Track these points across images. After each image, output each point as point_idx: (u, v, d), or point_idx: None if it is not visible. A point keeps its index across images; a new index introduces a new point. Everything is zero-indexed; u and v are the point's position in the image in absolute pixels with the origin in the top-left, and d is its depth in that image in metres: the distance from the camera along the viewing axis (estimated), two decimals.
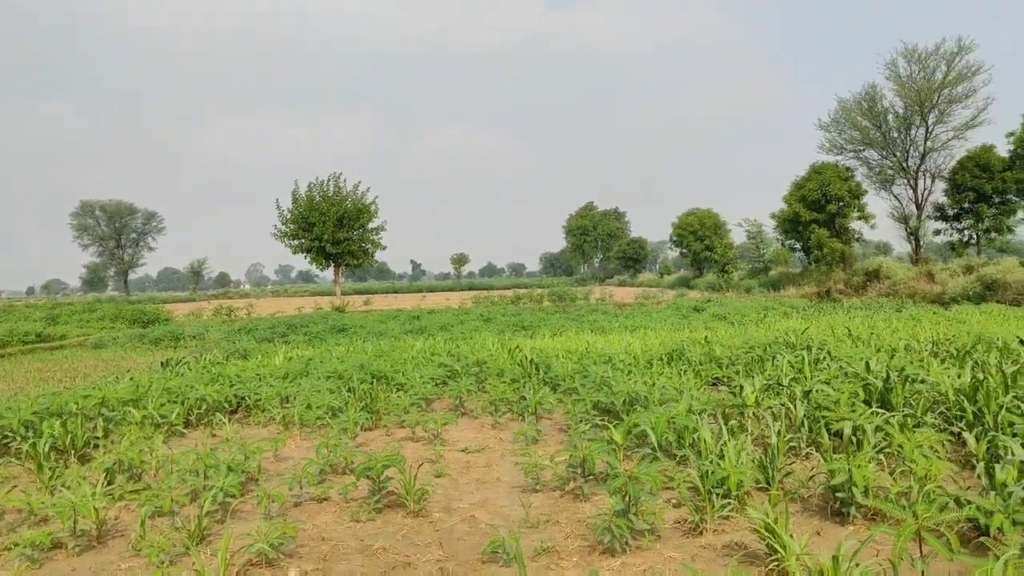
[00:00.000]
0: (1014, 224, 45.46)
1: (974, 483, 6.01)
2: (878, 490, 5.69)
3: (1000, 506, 4.46)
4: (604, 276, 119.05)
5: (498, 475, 7.12)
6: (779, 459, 6.17)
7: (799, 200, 48.37)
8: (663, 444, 7.19)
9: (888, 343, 12.83)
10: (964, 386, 7.95)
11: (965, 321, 18.90)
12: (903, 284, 39.45)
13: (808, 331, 14.53)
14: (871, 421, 6.40)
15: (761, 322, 21.57)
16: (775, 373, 9.84)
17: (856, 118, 48.86)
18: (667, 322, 23.69)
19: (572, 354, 13.27)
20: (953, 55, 44.77)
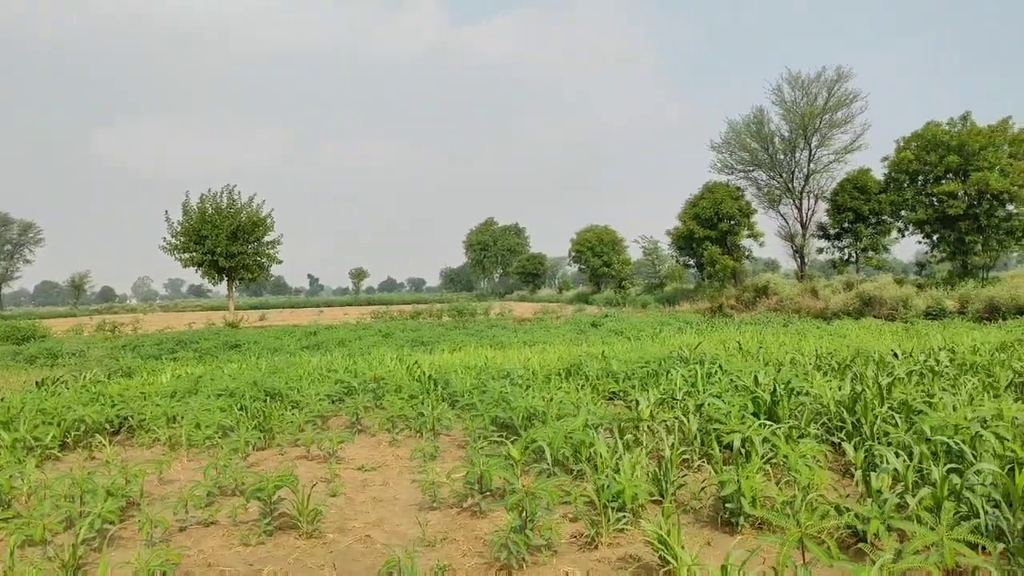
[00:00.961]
0: (888, 243, 48.15)
1: (853, 491, 6.28)
2: (765, 500, 5.87)
3: (876, 512, 4.66)
4: (504, 291, 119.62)
5: (395, 493, 7.01)
6: (672, 472, 6.30)
7: (693, 218, 50.00)
8: (560, 459, 7.25)
9: (776, 357, 13.31)
10: (844, 398, 8.31)
11: (845, 335, 19.82)
12: (790, 300, 41.15)
13: (701, 346, 14.93)
14: (759, 433, 6.60)
15: (657, 337, 22.05)
16: (669, 387, 10.06)
17: (745, 140, 50.97)
18: (565, 337, 23.95)
19: (471, 369, 13.24)
20: (833, 83, 47.41)
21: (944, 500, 4.96)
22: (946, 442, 6.07)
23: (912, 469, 5.64)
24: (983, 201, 39.07)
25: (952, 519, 4.58)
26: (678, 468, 6.74)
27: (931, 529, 4.13)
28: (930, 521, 4.49)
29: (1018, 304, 27.37)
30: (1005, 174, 38.13)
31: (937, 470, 5.23)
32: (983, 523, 4.76)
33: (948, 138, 40.40)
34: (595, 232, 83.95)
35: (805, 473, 5.72)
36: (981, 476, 5.22)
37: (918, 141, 42.25)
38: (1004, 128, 39.58)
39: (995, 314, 27.99)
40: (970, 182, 38.68)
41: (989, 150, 38.71)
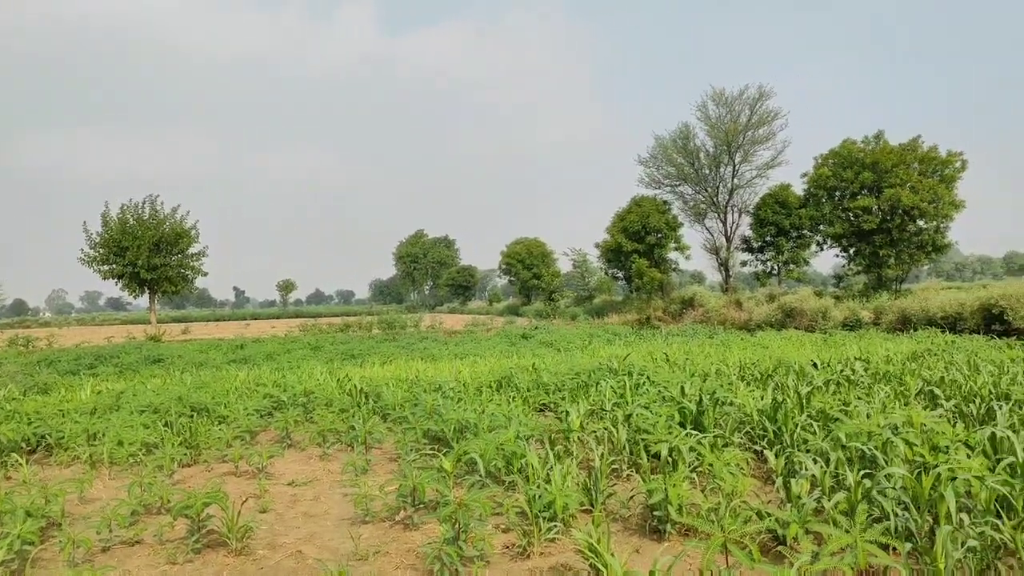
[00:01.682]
0: (808, 256, 49.70)
1: (775, 496, 6.51)
2: (691, 507, 6.04)
3: (795, 517, 4.85)
4: (434, 303, 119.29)
5: (327, 508, 6.97)
6: (602, 481, 6.43)
7: (621, 231, 50.75)
8: (492, 471, 7.31)
9: (702, 368, 13.62)
10: (766, 407, 8.59)
11: (768, 346, 20.39)
12: (715, 312, 42.09)
13: (630, 357, 15.18)
14: (685, 443, 6.78)
15: (586, 348, 22.32)
16: (599, 398, 10.23)
17: (672, 155, 52.01)
18: (496, 349, 24.05)
19: (402, 383, 13.21)
20: (755, 100, 48.81)
21: (858, 504, 5.19)
22: (860, 448, 6.35)
23: (829, 475, 5.89)
24: (895, 216, 40.67)
25: (865, 521, 4.81)
26: (608, 478, 6.88)
27: (846, 531, 4.33)
28: (845, 524, 4.71)
29: (928, 315, 28.58)
30: (915, 191, 39.77)
31: (851, 475, 5.47)
32: (893, 524, 5.01)
33: (863, 156, 41.96)
34: (525, 245, 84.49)
35: (729, 480, 5.90)
36: (892, 480, 5.48)
37: (835, 158, 43.76)
38: (914, 147, 41.31)
39: (907, 325, 29.17)
40: (883, 198, 40.21)
41: (900, 168, 40.33)
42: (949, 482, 5.01)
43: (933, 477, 5.10)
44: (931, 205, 39.90)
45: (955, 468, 5.25)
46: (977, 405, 8.53)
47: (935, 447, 6.00)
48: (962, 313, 27.38)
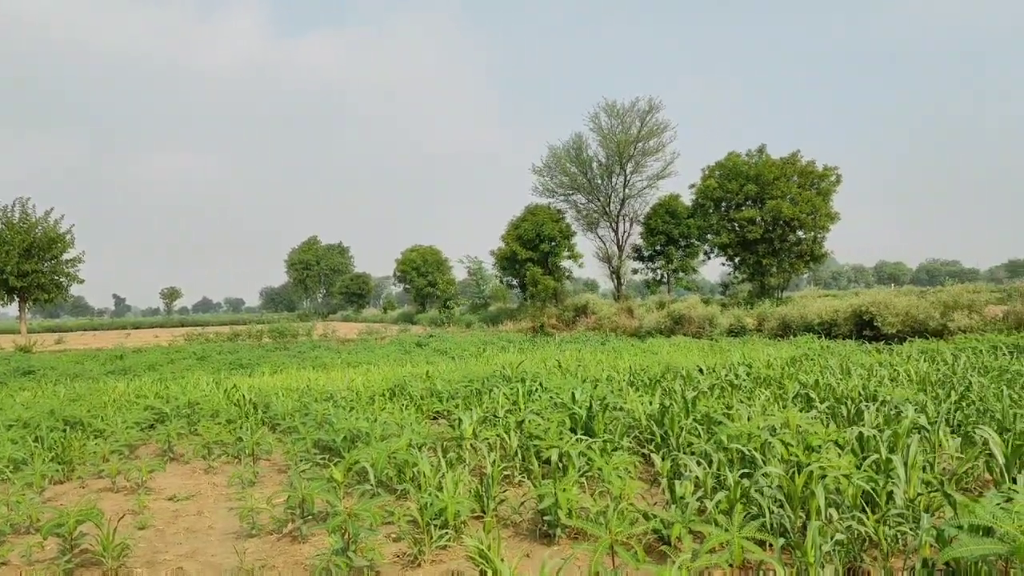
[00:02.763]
0: (697, 265, 51.37)
1: (661, 498, 6.71)
2: (581, 511, 6.15)
3: (679, 517, 5.01)
4: (327, 311, 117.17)
5: (210, 522, 6.76)
6: (494, 488, 6.48)
7: (516, 239, 51.16)
8: (384, 479, 7.26)
9: (593, 374, 13.89)
10: (654, 412, 8.84)
11: (657, 352, 20.94)
12: (607, 319, 42.89)
13: (523, 364, 15.33)
14: (576, 448, 6.90)
15: (480, 356, 22.40)
16: (492, 405, 10.30)
17: (565, 165, 52.84)
18: (390, 357, 23.83)
19: (293, 392, 12.94)
20: (646, 113, 50.18)
21: (736, 502, 5.41)
22: (741, 450, 6.60)
23: (711, 476, 6.11)
24: (777, 227, 42.52)
25: (743, 519, 5.00)
26: (499, 484, 6.92)
27: (724, 530, 4.51)
28: (724, 522, 4.89)
29: (806, 322, 29.98)
30: (795, 203, 41.72)
31: (731, 476, 5.69)
32: (768, 521, 5.25)
33: (747, 168, 43.73)
34: (420, 252, 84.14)
35: (617, 484, 6.04)
36: (769, 479, 5.73)
37: (721, 170, 45.42)
38: (794, 161, 43.32)
39: (787, 331, 30.50)
40: (766, 209, 41.99)
41: (781, 180, 42.23)
42: (820, 480, 5.27)
43: (806, 475, 5.36)
44: (810, 217, 41.93)
45: (826, 467, 5.53)
46: (848, 406, 9.01)
47: (809, 447, 6.29)
48: (836, 320, 28.83)
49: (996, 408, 8.45)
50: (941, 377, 12.08)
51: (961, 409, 8.96)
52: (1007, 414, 7.98)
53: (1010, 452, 6.22)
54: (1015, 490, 4.60)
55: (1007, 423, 7.67)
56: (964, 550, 3.54)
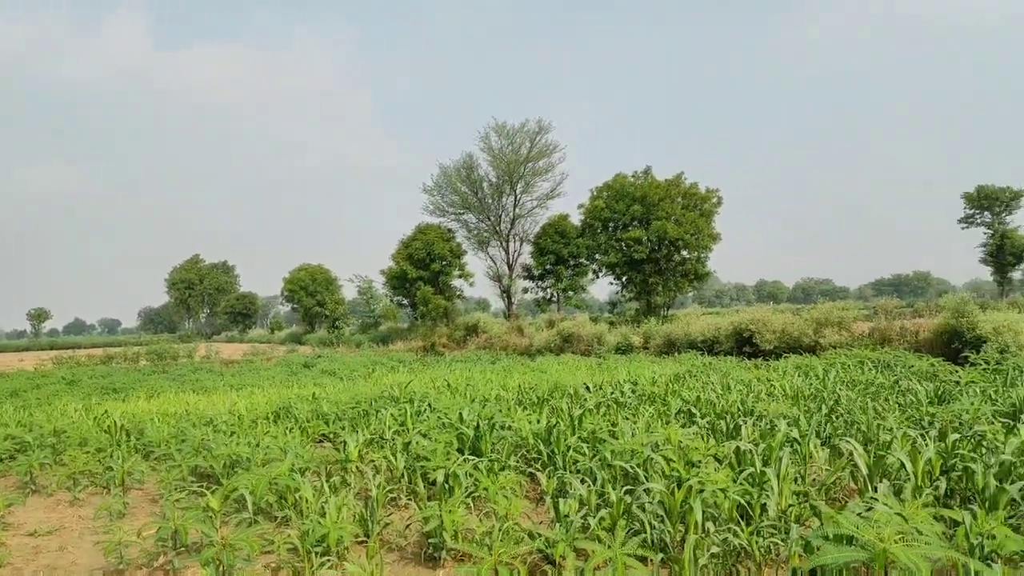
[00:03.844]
0: (586, 284, 52.32)
1: (546, 517, 6.74)
2: (467, 532, 6.12)
3: (563, 535, 5.05)
4: (211, 332, 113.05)
5: (74, 558, 6.37)
6: (379, 511, 6.37)
7: (406, 258, 50.78)
8: (264, 506, 7.03)
9: (482, 393, 13.89)
10: (541, 430, 8.91)
11: (546, 371, 21.17)
12: (498, 338, 43.06)
13: (412, 384, 15.19)
14: (462, 468, 6.87)
15: (370, 377, 22.09)
16: (380, 427, 10.15)
17: (456, 184, 52.98)
18: (276, 379, 23.22)
19: (170, 417, 12.40)
20: (535, 133, 51.02)
21: (619, 519, 5.50)
22: (624, 466, 6.72)
23: (595, 493, 6.19)
24: (663, 247, 43.79)
25: (625, 536, 5.08)
26: (385, 507, 6.83)
27: (607, 547, 4.56)
28: (607, 539, 4.95)
29: (690, 339, 30.90)
30: (679, 223, 43.09)
31: (614, 492, 5.78)
32: (649, 536, 5.35)
33: (633, 189, 44.92)
34: (309, 271, 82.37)
35: (503, 504, 6.04)
36: (650, 495, 5.85)
37: (609, 191, 46.49)
38: (678, 182, 44.80)
39: (672, 348, 31.37)
40: (652, 230, 43.18)
41: (666, 202, 43.60)
42: (698, 495, 5.42)
43: (685, 491, 5.50)
44: (693, 237, 43.38)
45: (704, 481, 5.70)
46: (727, 422, 9.31)
47: (690, 462, 6.47)
48: (718, 337, 29.85)
49: (862, 420, 8.93)
50: (813, 391, 12.68)
51: (831, 422, 9.41)
52: (871, 426, 8.45)
53: (872, 462, 6.57)
54: (875, 498, 4.85)
55: (871, 435, 8.11)
56: (827, 558, 3.70)
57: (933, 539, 3.97)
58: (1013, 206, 50.13)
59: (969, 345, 20.26)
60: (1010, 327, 19.54)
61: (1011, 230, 49.80)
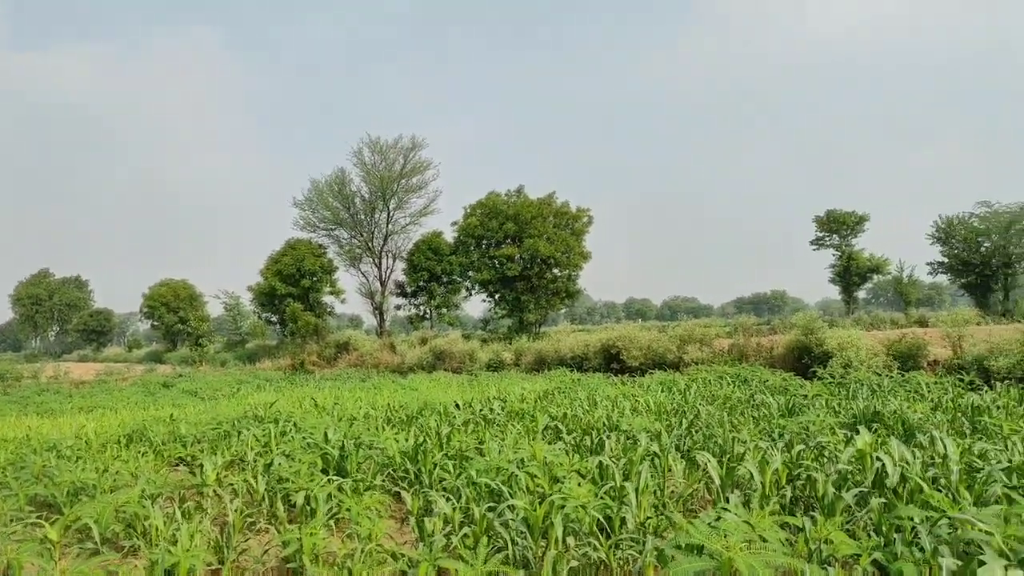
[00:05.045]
0: (459, 301, 52.42)
1: (411, 536, 6.67)
2: (329, 555, 5.97)
3: (426, 555, 5.01)
4: (61, 351, 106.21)
5: None
6: (235, 537, 6.15)
7: (275, 274, 49.43)
8: (111, 536, 6.63)
9: (351, 412, 13.65)
10: (409, 449, 8.82)
11: (417, 388, 21.06)
12: (370, 355, 42.50)
13: (277, 404, 14.77)
14: (325, 489, 6.72)
15: (234, 396, 21.36)
16: (241, 448, 9.80)
17: (328, 199, 52.03)
18: (132, 400, 22.10)
19: (8, 443, 11.54)
20: (409, 150, 50.86)
21: (482, 536, 5.51)
22: (489, 484, 6.75)
23: (459, 511, 6.18)
24: (535, 265, 44.47)
25: (489, 552, 5.09)
26: (243, 532, 6.58)
27: (470, 565, 4.56)
28: (469, 557, 4.95)
29: (560, 356, 31.48)
30: (551, 242, 43.89)
31: (477, 510, 5.79)
32: (512, 553, 5.38)
33: (506, 207, 45.44)
34: (171, 287, 78.70)
35: (367, 524, 5.94)
36: (514, 511, 5.90)
37: (482, 208, 46.84)
38: (550, 201, 45.67)
39: (542, 365, 31.83)
40: (524, 247, 43.81)
41: (538, 220, 44.34)
42: (559, 510, 5.50)
43: (547, 506, 5.57)
44: (564, 255, 44.26)
45: (567, 496, 5.79)
46: (593, 437, 9.50)
47: (554, 478, 6.56)
48: (587, 353, 30.51)
49: (719, 434, 9.32)
50: (675, 406, 13.13)
51: (691, 435, 9.76)
52: (727, 439, 8.82)
53: (725, 474, 6.86)
54: (727, 508, 5.05)
55: (727, 447, 8.46)
56: (678, 568, 3.82)
57: (776, 546, 4.18)
58: (858, 229, 53.65)
59: (817, 360, 21.49)
60: (852, 343, 20.89)
61: (856, 252, 53.27)
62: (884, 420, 9.85)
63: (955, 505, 5.06)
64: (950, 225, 48.99)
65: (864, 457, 6.48)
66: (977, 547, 4.20)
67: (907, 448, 6.93)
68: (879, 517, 5.32)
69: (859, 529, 5.63)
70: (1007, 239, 45.94)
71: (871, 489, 6.05)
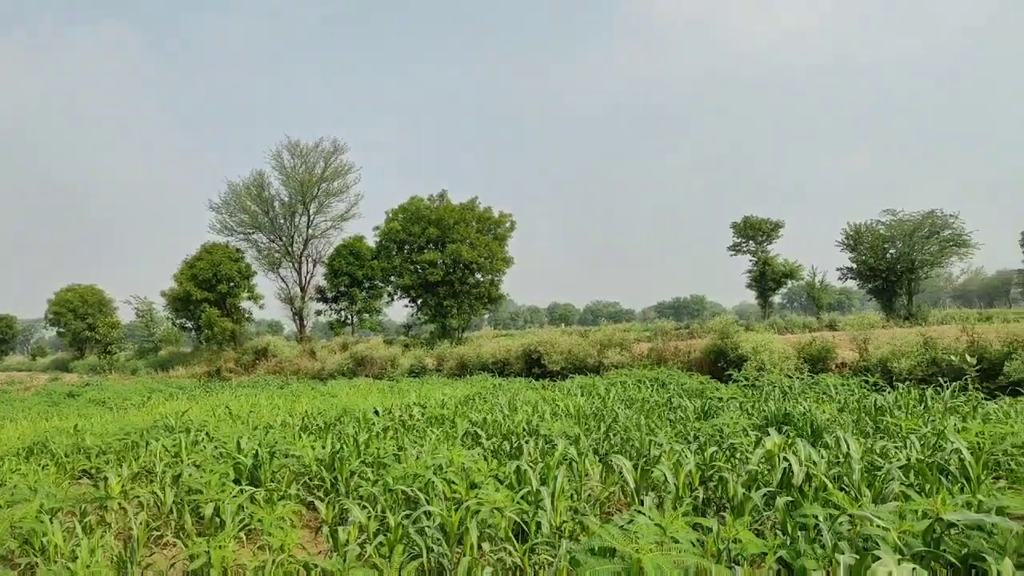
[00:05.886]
0: (381, 306, 51.91)
1: (326, 546, 6.54)
2: (239, 568, 5.82)
3: (339, 565, 4.92)
4: None
5: None
6: (140, 551, 5.94)
7: (191, 279, 48.05)
8: (5, 553, 6.32)
9: (267, 420, 13.34)
10: (325, 456, 8.68)
11: (337, 395, 20.74)
12: (289, 361, 41.73)
13: (190, 412, 14.37)
14: (236, 500, 6.54)
15: (144, 405, 20.67)
16: (149, 459, 9.49)
17: (246, 202, 50.89)
18: (33, 411, 21.17)
19: None
20: (330, 154, 50.24)
21: (397, 544, 5.44)
22: (406, 491, 6.68)
23: (375, 519, 6.10)
24: (457, 270, 44.41)
25: (405, 560, 5.04)
26: (148, 546, 6.37)
27: (384, 574, 4.50)
28: (383, 566, 4.89)
29: (482, 361, 31.47)
30: (474, 247, 43.92)
31: (393, 517, 5.72)
32: (427, 560, 5.34)
33: (429, 212, 45.28)
34: (78, 292, 75.62)
35: (279, 535, 5.81)
36: (431, 518, 5.85)
37: (405, 213, 46.57)
38: (472, 206, 45.70)
39: (464, 370, 31.79)
40: (447, 252, 43.72)
41: (461, 225, 44.32)
42: (475, 515, 5.49)
43: (462, 512, 5.54)
44: (487, 260, 44.34)
45: (483, 501, 5.77)
46: (512, 442, 9.52)
47: (472, 484, 6.54)
48: (509, 358, 30.59)
49: (636, 437, 9.44)
50: (595, 410, 13.25)
51: (608, 439, 9.86)
52: (644, 442, 8.94)
53: (640, 476, 6.96)
54: (640, 511, 5.12)
55: (644, 450, 8.58)
56: (589, 572, 3.85)
57: (687, 546, 4.25)
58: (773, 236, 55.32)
59: (733, 364, 22.02)
60: (766, 347, 21.46)
61: (771, 258, 54.88)
62: (794, 421, 10.14)
63: (855, 503, 5.24)
64: (858, 232, 50.91)
65: (773, 458, 6.67)
66: (875, 542, 4.36)
67: (814, 448, 7.16)
68: (784, 516, 5.48)
69: (767, 528, 5.79)
70: (910, 246, 48.00)
71: (778, 489, 6.22)
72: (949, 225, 47.25)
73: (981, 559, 4.19)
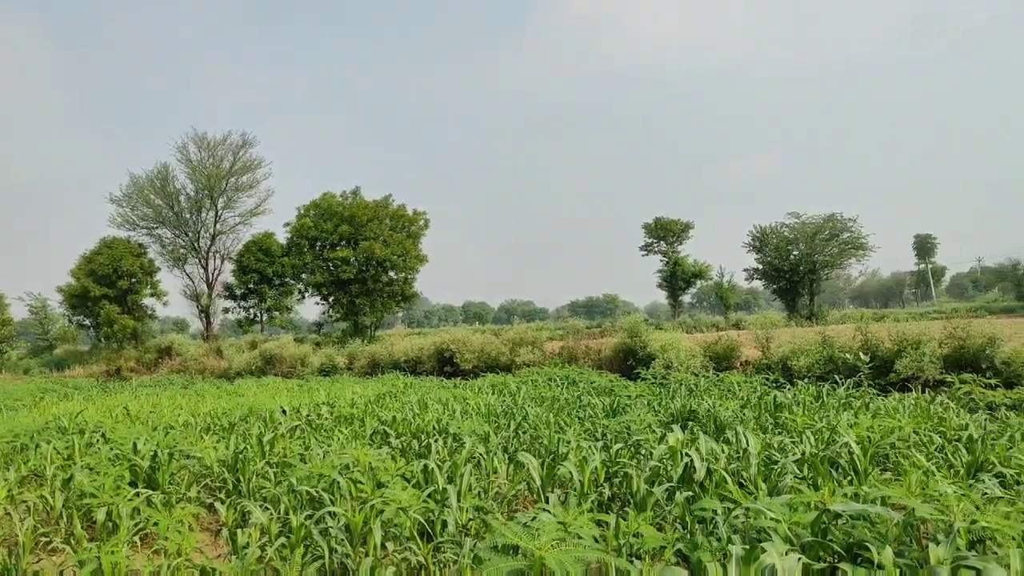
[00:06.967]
0: (291, 304, 50.87)
1: (226, 549, 6.38)
2: (132, 573, 5.61)
3: (239, 568, 4.80)
4: None
5: None
6: (25, 558, 5.68)
7: (88, 275, 45.99)
8: None
9: (168, 421, 12.94)
10: (228, 458, 8.46)
11: (244, 394, 20.24)
12: (194, 360, 40.47)
13: (85, 413, 13.80)
14: (130, 503, 6.32)
15: (36, 406, 19.72)
16: (40, 462, 9.07)
17: (149, 196, 48.97)
18: None
19: None
20: (239, 147, 48.81)
21: (298, 545, 5.35)
22: (310, 491, 6.57)
23: (277, 520, 5.98)
24: (370, 267, 44.01)
25: (305, 562, 4.96)
26: (35, 553, 6.08)
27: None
28: (283, 568, 4.80)
29: (393, 359, 31.19)
30: (387, 244, 43.59)
31: (295, 518, 5.62)
32: (330, 561, 5.26)
33: (342, 209, 44.71)
34: None
35: (176, 539, 5.64)
36: (335, 518, 5.77)
37: (316, 209, 45.84)
38: (386, 204, 45.34)
39: (376, 368, 31.45)
40: (360, 250, 43.24)
41: (375, 222, 43.90)
42: (379, 514, 5.44)
43: (366, 512, 5.48)
44: (400, 258, 44.05)
45: (388, 500, 5.73)
46: (421, 440, 9.47)
47: (379, 483, 6.48)
48: (421, 357, 30.39)
49: (545, 435, 9.52)
50: (505, 408, 13.31)
51: (518, 437, 9.93)
52: (553, 440, 9.03)
53: (546, 473, 7.02)
54: (546, 508, 5.16)
55: (552, 447, 8.66)
56: (491, 569, 3.86)
57: (589, 542, 4.31)
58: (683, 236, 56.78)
59: (642, 362, 22.42)
60: (674, 345, 21.95)
61: (682, 258, 56.29)
62: (699, 418, 10.41)
63: (750, 496, 5.42)
64: (764, 234, 52.73)
65: (675, 454, 6.83)
66: (767, 534, 4.52)
67: (716, 444, 7.37)
68: (684, 510, 5.62)
69: (668, 523, 5.93)
70: (812, 248, 49.99)
71: (679, 484, 6.37)
72: (848, 228, 49.46)
73: (865, 548, 4.39)
